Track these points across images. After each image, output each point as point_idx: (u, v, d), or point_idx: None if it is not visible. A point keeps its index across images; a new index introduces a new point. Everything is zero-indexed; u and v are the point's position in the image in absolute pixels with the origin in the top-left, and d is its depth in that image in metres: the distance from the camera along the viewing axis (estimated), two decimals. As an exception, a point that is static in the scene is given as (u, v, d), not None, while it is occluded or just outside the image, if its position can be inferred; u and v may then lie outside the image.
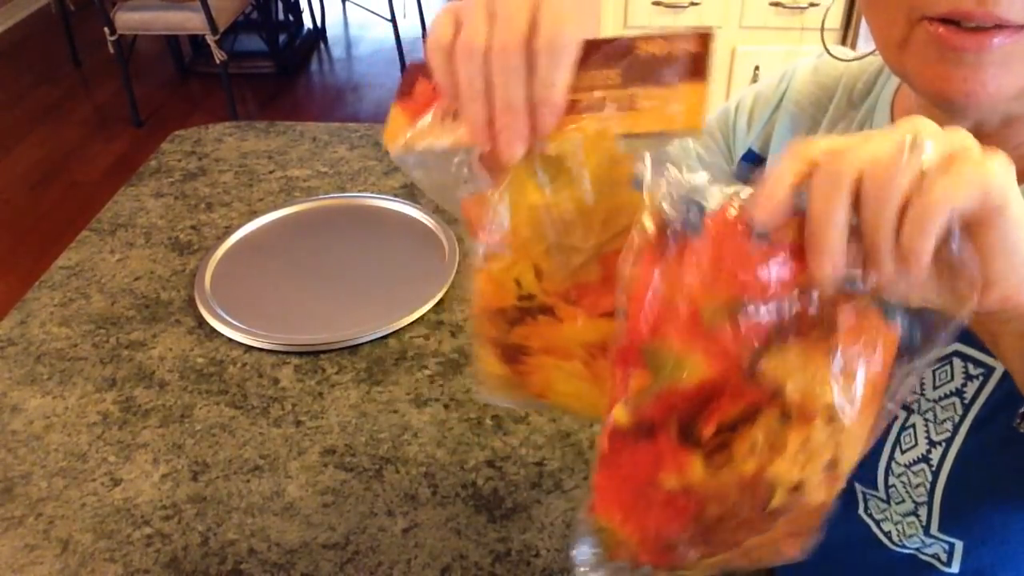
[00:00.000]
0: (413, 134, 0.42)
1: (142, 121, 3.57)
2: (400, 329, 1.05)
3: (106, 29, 3.24)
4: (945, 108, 0.50)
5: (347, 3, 4.65)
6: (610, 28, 2.28)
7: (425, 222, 1.24)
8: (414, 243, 1.20)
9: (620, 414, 0.37)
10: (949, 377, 0.52)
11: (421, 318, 1.07)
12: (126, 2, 3.28)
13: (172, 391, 0.98)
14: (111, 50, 3.27)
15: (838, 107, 0.64)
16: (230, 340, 1.05)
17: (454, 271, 1.13)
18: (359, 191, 1.33)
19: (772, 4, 2.21)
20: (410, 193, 1.32)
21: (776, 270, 0.33)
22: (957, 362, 0.52)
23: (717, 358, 0.34)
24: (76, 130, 3.55)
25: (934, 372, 0.53)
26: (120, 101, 3.65)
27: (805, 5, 2.20)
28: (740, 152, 0.71)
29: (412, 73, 0.43)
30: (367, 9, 4.41)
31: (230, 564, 0.79)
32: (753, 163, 0.69)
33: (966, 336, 0.50)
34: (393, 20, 3.87)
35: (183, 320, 1.09)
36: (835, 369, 0.34)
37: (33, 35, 4.52)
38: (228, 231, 1.24)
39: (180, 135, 1.52)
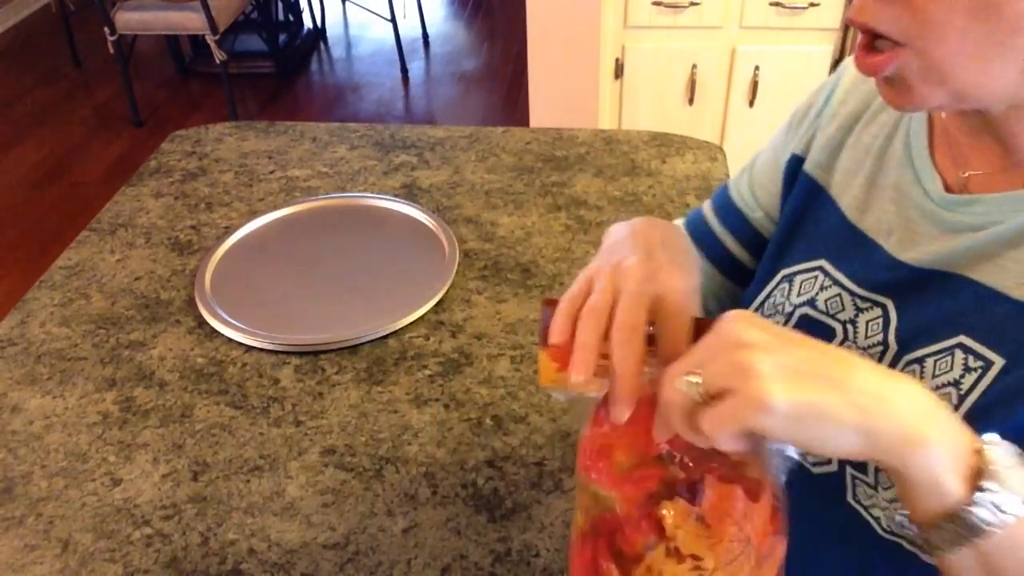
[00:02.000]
0: (566, 381, 0.49)
1: (142, 121, 3.57)
2: (400, 329, 1.05)
3: (106, 29, 3.24)
4: None
5: (347, 3, 4.65)
6: (610, 28, 2.28)
7: (425, 222, 1.24)
8: (414, 243, 1.20)
9: (578, 519, 0.51)
10: (948, 367, 0.52)
11: (421, 318, 1.07)
12: (126, 2, 3.28)
13: (172, 391, 0.98)
14: (111, 50, 3.27)
15: (874, 110, 0.65)
16: (230, 340, 1.05)
17: (454, 271, 1.13)
18: (359, 191, 1.33)
19: (772, 4, 2.21)
20: (410, 193, 1.32)
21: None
22: (959, 353, 0.52)
23: (626, 500, 0.47)
24: (76, 130, 3.55)
25: (935, 362, 0.53)
26: (120, 101, 3.65)
27: (805, 5, 2.19)
28: (784, 159, 0.71)
29: (546, 315, 0.51)
30: (367, 9, 4.41)
31: (230, 564, 0.79)
32: (795, 166, 0.70)
33: (972, 327, 0.51)
34: (393, 20, 3.87)
35: (183, 320, 1.09)
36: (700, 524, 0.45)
37: (33, 35, 4.52)
38: (228, 231, 1.24)
39: (180, 135, 1.52)
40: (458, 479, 0.86)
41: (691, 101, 2.40)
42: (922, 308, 0.55)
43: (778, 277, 0.67)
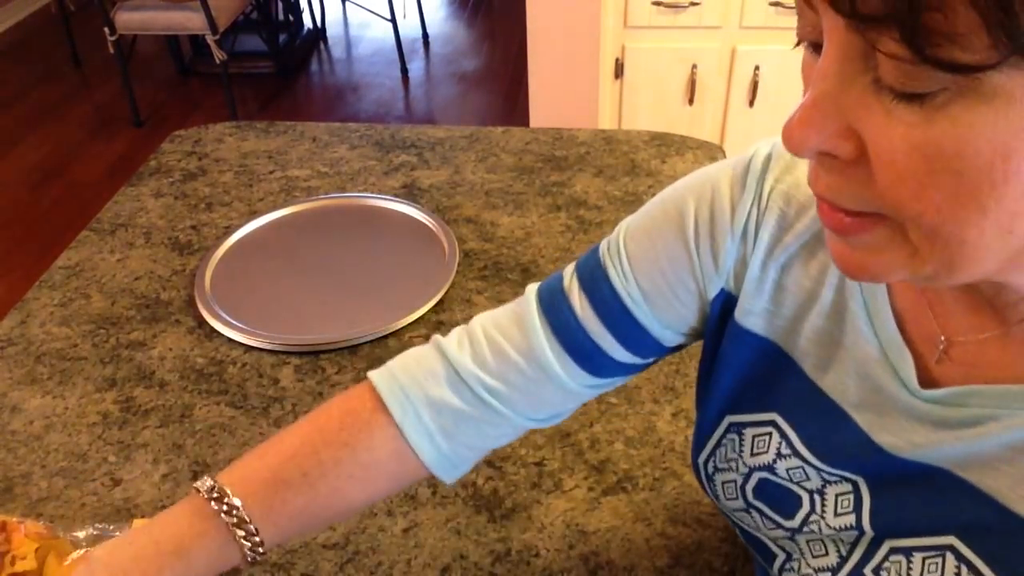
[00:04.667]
0: None
1: (142, 121, 3.57)
2: (400, 329, 1.05)
3: (106, 29, 3.24)
4: None
5: (347, 3, 4.65)
6: (610, 28, 2.28)
7: (425, 222, 1.24)
8: (414, 243, 1.20)
9: None
10: (939, 573, 0.44)
11: (421, 318, 1.07)
12: (126, 2, 3.28)
13: (172, 391, 0.98)
14: (111, 50, 3.27)
15: (809, 243, 0.51)
16: (230, 340, 1.05)
17: (454, 271, 1.13)
18: (359, 191, 1.33)
19: (772, 4, 2.21)
20: (410, 193, 1.32)
21: None
22: (951, 559, 0.44)
23: None
24: (76, 130, 3.55)
25: (924, 560, 0.45)
26: (120, 101, 3.65)
27: (805, 5, 2.20)
28: (710, 293, 0.57)
29: None
30: (367, 9, 4.41)
31: (230, 564, 0.79)
32: (726, 307, 0.56)
33: (965, 531, 0.44)
34: (393, 20, 3.87)
35: (183, 320, 1.09)
36: None
37: (33, 35, 4.52)
38: (228, 231, 1.24)
39: (180, 135, 1.52)
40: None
41: (691, 101, 2.40)
42: (902, 497, 0.47)
43: (724, 424, 0.57)
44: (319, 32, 4.40)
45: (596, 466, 0.87)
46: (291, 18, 4.23)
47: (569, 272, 0.61)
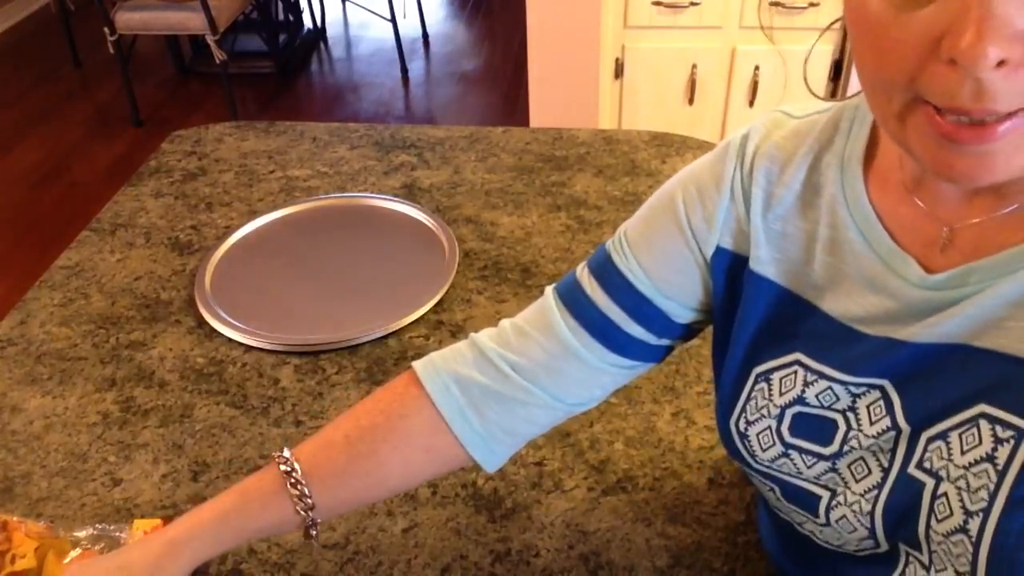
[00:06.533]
0: None
1: (142, 121, 3.57)
2: (400, 329, 1.05)
3: (106, 29, 3.24)
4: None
5: (347, 3, 4.65)
6: (610, 28, 2.28)
7: (425, 222, 1.24)
8: (414, 243, 1.21)
9: None
10: (977, 441, 0.48)
11: (421, 318, 1.07)
12: (126, 2, 3.28)
13: (172, 391, 0.98)
14: (111, 50, 3.27)
15: (801, 195, 0.58)
16: (230, 340, 1.05)
17: (454, 271, 1.13)
18: (359, 191, 1.33)
19: (772, 4, 2.21)
20: (410, 193, 1.32)
21: None
22: (984, 424, 0.47)
23: None
24: (76, 130, 3.55)
25: (960, 436, 0.48)
26: (120, 101, 3.65)
27: (805, 5, 2.20)
28: (708, 251, 0.62)
29: None
30: (367, 9, 4.41)
31: (230, 564, 0.79)
32: (731, 263, 0.62)
33: (992, 395, 0.47)
34: (393, 20, 3.87)
35: (183, 320, 1.09)
36: None
37: (33, 35, 4.52)
38: (228, 231, 1.24)
39: (180, 135, 1.52)
40: (458, 479, 0.86)
41: (691, 101, 2.40)
42: (928, 384, 0.51)
43: (752, 377, 0.61)
44: (319, 32, 4.40)
45: (596, 466, 0.87)
46: (291, 18, 4.23)
47: (582, 266, 0.69)
